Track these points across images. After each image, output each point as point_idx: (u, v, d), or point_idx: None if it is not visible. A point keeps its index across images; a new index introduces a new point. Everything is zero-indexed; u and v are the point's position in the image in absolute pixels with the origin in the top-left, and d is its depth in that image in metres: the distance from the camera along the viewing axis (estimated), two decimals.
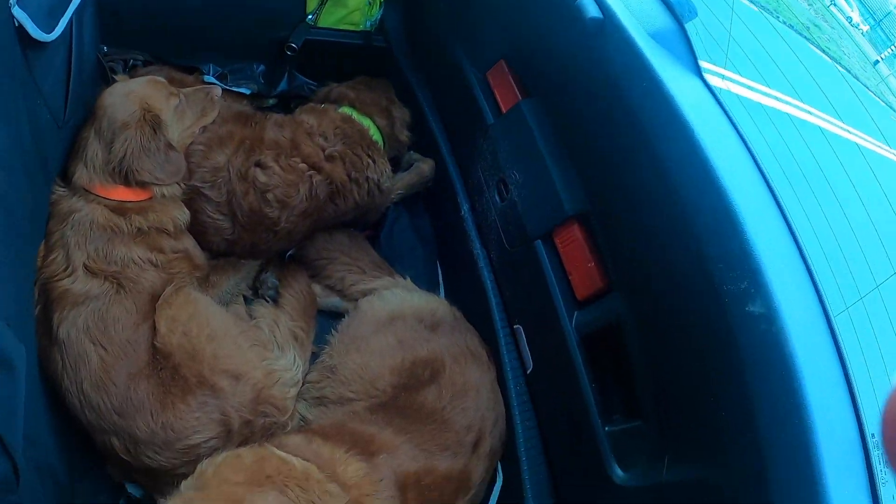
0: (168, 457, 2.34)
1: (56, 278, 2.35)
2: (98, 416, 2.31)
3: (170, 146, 2.59)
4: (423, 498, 2.35)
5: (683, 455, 2.10)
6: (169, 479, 2.33)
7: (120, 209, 2.48)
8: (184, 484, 2.12)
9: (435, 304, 3.00)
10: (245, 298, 3.01)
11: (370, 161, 3.10)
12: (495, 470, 2.79)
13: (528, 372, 2.79)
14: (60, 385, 2.33)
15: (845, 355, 1.69)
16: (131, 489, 2.59)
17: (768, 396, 1.73)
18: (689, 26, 2.19)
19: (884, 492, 1.63)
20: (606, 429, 2.43)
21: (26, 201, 2.25)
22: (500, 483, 2.79)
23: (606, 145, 2.30)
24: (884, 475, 1.63)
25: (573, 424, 2.55)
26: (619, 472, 2.35)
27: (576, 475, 2.62)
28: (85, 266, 2.37)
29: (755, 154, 1.91)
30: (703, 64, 2.09)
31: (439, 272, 3.40)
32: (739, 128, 1.95)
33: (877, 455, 1.64)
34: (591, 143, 2.39)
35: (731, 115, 1.98)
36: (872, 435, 1.64)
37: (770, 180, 1.86)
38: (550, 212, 2.53)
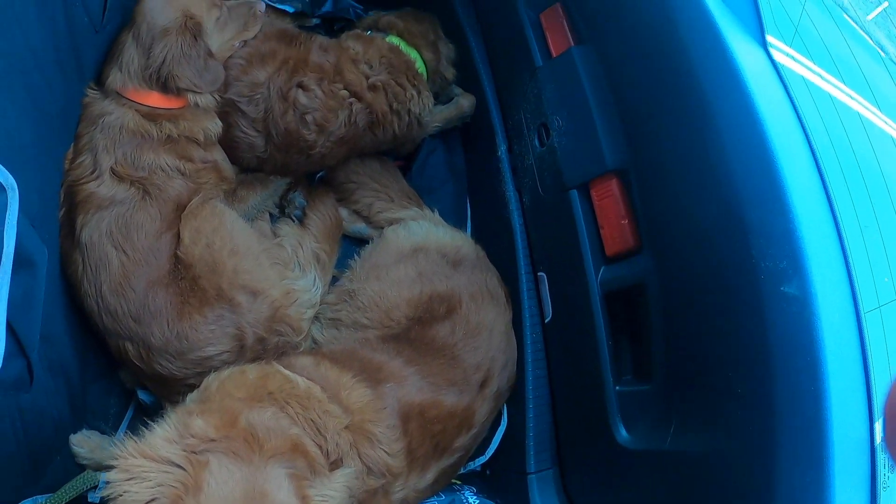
0: (180, 366, 2.37)
1: (82, 181, 2.35)
2: (114, 321, 2.34)
3: (210, 54, 2.55)
4: (425, 430, 2.37)
5: (690, 424, 2.10)
6: (179, 388, 2.37)
7: (151, 115, 2.45)
8: (189, 396, 2.15)
9: (460, 240, 2.98)
10: (270, 216, 3.00)
11: (414, 93, 3.04)
12: (500, 413, 2.81)
13: (547, 321, 2.78)
14: (79, 288, 2.35)
15: (869, 354, 1.67)
16: (142, 395, 2.64)
17: (790, 380, 1.72)
18: None
19: (884, 496, 1.63)
20: (616, 388, 2.42)
21: (59, 101, 2.25)
22: (505, 426, 2.81)
23: (658, 102, 2.23)
24: (886, 479, 1.63)
25: (584, 379, 2.55)
26: (623, 432, 2.36)
27: (579, 429, 2.64)
28: (112, 170, 2.36)
29: (811, 136, 1.84)
30: (769, 38, 1.99)
31: (468, 209, 3.37)
32: (798, 107, 1.87)
33: (882, 459, 1.64)
34: (642, 98, 2.31)
35: (791, 92, 1.90)
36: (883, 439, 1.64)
37: (822, 165, 1.80)
38: (590, 163, 2.47)
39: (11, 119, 1.92)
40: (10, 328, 1.78)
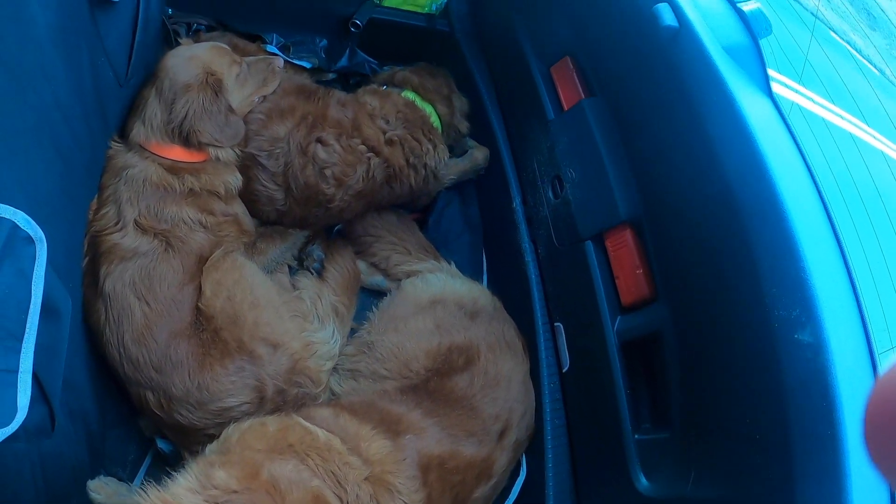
0: (200, 416, 2.38)
1: (106, 232, 2.39)
2: (136, 370, 2.36)
3: (230, 110, 2.61)
4: (445, 481, 2.37)
5: (710, 471, 2.08)
6: (199, 437, 2.38)
7: (174, 169, 2.51)
8: (209, 447, 2.16)
9: (477, 292, 3.01)
10: (290, 268, 3.05)
11: (429, 147, 3.10)
12: (520, 463, 2.80)
13: (564, 371, 2.78)
14: (101, 336, 2.37)
15: None
16: (161, 444, 2.64)
17: (807, 425, 1.72)
18: (763, 43, 2.15)
19: None
20: (635, 436, 2.42)
21: (84, 152, 2.30)
22: (524, 476, 2.80)
23: (668, 153, 2.27)
24: None
25: (603, 428, 2.54)
26: (643, 480, 2.35)
27: (599, 478, 2.62)
28: (136, 222, 2.41)
29: (818, 182, 1.88)
30: (772, 73, 2.04)
31: (484, 260, 3.40)
32: (805, 153, 1.91)
33: None
34: (653, 149, 2.36)
35: (797, 138, 1.95)
36: None
37: (830, 210, 1.83)
38: (604, 214, 2.51)
39: (40, 172, 1.95)
40: (35, 376, 1.81)
